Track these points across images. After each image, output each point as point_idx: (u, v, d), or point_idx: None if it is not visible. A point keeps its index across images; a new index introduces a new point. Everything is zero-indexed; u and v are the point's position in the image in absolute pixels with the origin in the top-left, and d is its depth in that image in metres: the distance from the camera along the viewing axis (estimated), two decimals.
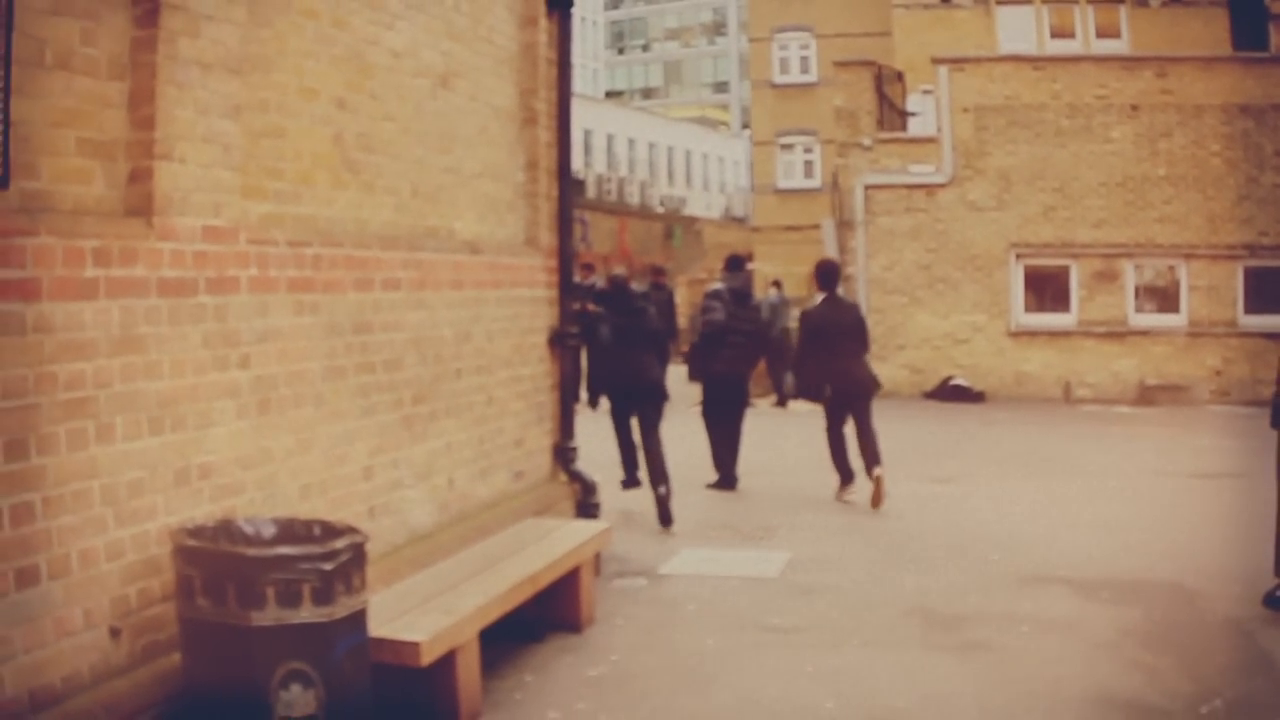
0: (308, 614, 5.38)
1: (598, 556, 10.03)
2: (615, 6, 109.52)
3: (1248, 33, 30.28)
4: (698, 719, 7.25)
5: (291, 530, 5.95)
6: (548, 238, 10.77)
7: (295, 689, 5.34)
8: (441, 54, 9.03)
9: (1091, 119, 25.82)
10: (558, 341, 10.85)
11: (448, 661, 6.83)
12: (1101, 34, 31.52)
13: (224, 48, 6.30)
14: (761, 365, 21.32)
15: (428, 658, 6.55)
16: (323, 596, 5.41)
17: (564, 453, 10.90)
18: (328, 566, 5.43)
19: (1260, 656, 8.31)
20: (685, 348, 30.29)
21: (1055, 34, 31.90)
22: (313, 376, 7.15)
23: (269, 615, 5.31)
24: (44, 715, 5.09)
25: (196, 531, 5.68)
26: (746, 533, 12.48)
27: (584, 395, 21.67)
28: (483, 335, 9.45)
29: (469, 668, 7.05)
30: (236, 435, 6.46)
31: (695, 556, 11.26)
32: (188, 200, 6.04)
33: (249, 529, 5.88)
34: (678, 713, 7.35)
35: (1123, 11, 31.34)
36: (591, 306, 23.03)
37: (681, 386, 13.61)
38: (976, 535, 11.98)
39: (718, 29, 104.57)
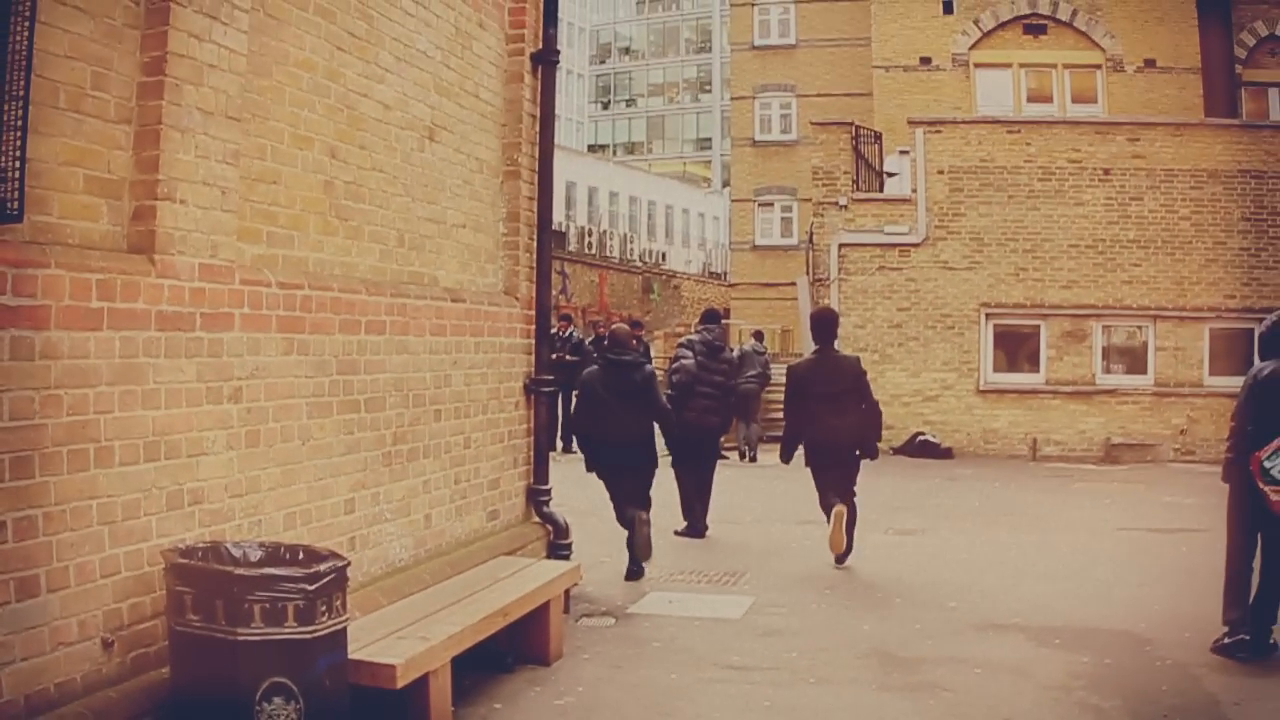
0: (291, 631, 5.69)
1: (567, 595, 10.34)
2: (602, 61, 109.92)
3: (1220, 99, 30.81)
4: None
5: (277, 554, 6.26)
6: (526, 288, 10.97)
7: (278, 701, 5.64)
8: (429, 107, 9.32)
9: (1064, 182, 26.14)
10: (533, 389, 11.03)
11: (421, 685, 7.10)
12: (1077, 98, 32.07)
13: (225, 96, 6.62)
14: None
15: (403, 680, 6.82)
16: (306, 615, 5.73)
17: (537, 495, 11.08)
18: (311, 587, 5.75)
19: (1205, 699, 8.58)
20: None
21: (1032, 98, 32.47)
22: (299, 412, 7.44)
23: (255, 631, 5.62)
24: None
25: (188, 551, 5.99)
26: (712, 578, 12.71)
27: (559, 444, 21.90)
28: (461, 380, 9.70)
29: (441, 692, 7.33)
30: (226, 464, 6.75)
31: (662, 599, 11.51)
32: (187, 239, 6.35)
33: (236, 551, 6.18)
34: None
35: (1099, 76, 31.94)
36: (569, 357, 23.28)
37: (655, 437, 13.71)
38: (936, 584, 12.20)
39: (702, 86, 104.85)
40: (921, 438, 25.80)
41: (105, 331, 5.83)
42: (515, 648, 9.00)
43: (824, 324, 13.84)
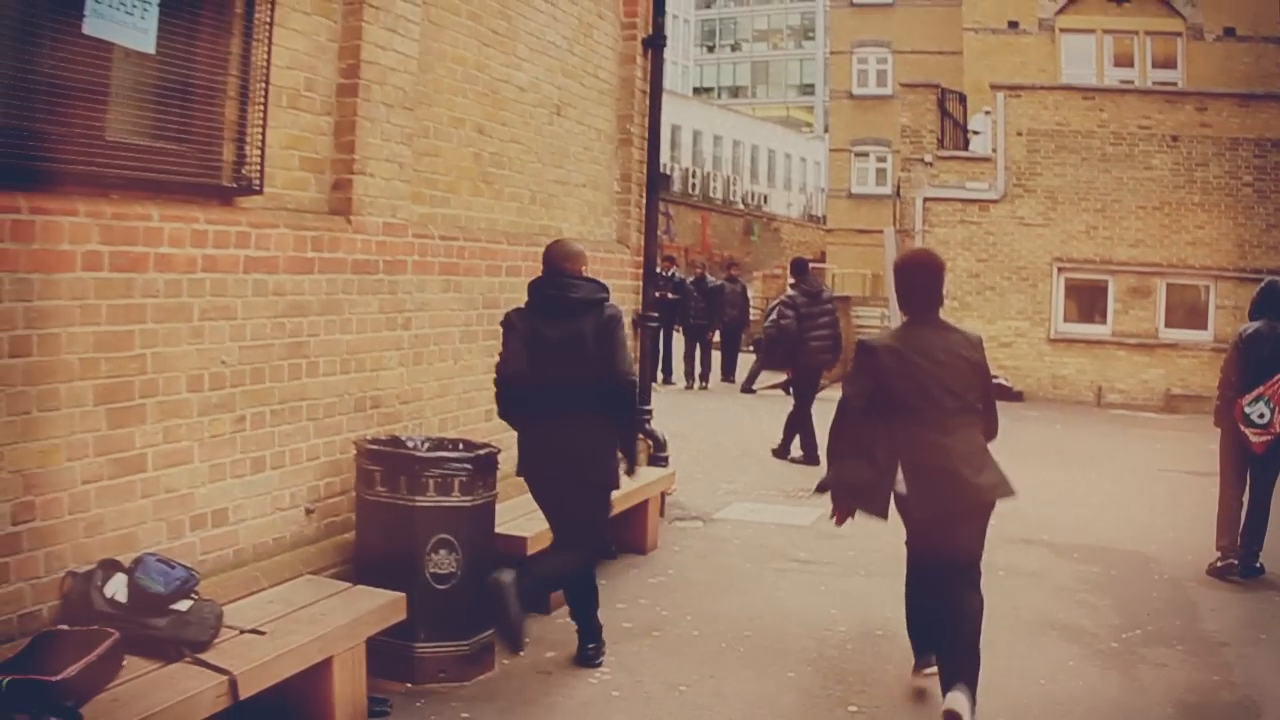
0: (456, 500, 7.43)
1: (663, 498, 11.94)
2: (707, 6, 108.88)
3: None
4: (731, 613, 9.23)
5: (442, 444, 7.95)
6: (636, 238, 12.45)
7: (443, 553, 7.40)
8: (557, 88, 10.87)
9: (1134, 147, 26.93)
10: (639, 323, 12.45)
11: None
12: (1158, 64, 32.73)
13: (401, 91, 8.29)
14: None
15: (532, 549, 8.51)
16: (467, 488, 7.46)
17: (641, 414, 12.19)
18: (471, 467, 7.51)
19: (1186, 605, 10.05)
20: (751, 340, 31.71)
21: (1116, 62, 33.11)
22: (453, 338, 9.16)
23: (429, 499, 7.37)
24: (263, 563, 7.15)
25: (377, 440, 7.79)
26: (789, 492, 14.31)
27: (659, 374, 23.29)
28: None
29: None
30: (398, 378, 8.50)
31: (744, 508, 13.11)
32: (374, 204, 8.05)
33: (410, 442, 7.87)
34: (716, 608, 9.37)
35: (1179, 43, 32.49)
36: (670, 295, 24.68)
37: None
38: None
39: (805, 33, 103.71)
40: (995, 381, 26.16)
41: (316, 275, 7.52)
42: (618, 539, 10.62)
43: (921, 274, 7.52)
